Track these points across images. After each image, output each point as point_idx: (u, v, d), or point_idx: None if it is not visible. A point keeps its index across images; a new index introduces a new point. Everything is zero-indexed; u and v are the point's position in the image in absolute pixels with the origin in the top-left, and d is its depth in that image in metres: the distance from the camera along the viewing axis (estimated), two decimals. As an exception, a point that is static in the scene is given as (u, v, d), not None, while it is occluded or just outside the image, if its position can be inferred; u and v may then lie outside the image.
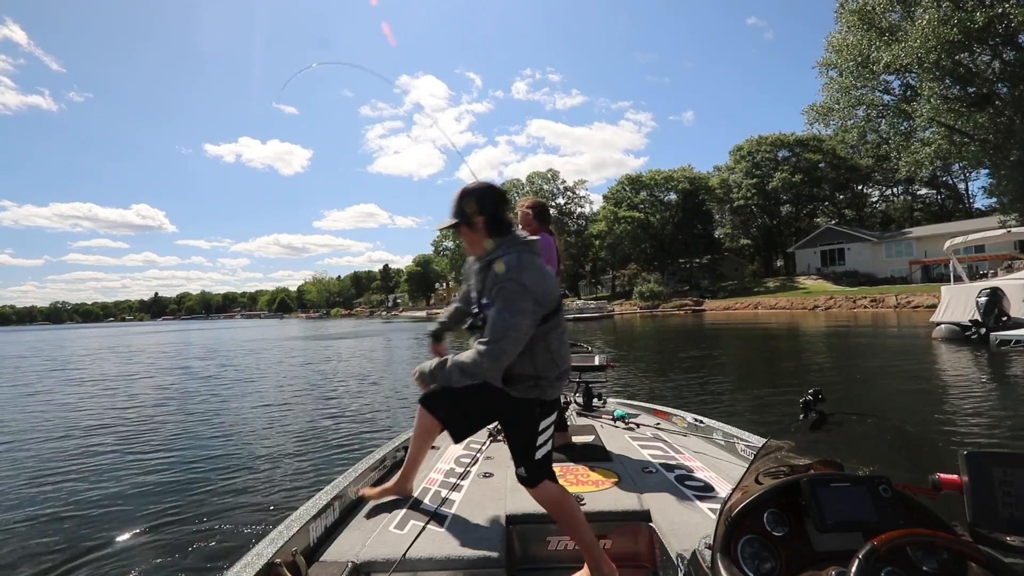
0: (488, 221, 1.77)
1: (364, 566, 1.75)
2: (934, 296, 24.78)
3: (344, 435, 5.84)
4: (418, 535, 1.91)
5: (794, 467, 1.27)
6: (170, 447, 5.40)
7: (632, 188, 52.22)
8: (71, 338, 45.13)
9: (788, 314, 28.93)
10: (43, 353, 24.22)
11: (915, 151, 25.31)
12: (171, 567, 2.90)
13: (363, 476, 2.39)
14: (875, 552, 0.84)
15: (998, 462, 0.98)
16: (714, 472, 2.53)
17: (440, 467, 2.70)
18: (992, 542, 0.94)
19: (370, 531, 1.96)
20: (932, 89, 20.94)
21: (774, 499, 1.19)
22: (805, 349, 13.50)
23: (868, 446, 1.28)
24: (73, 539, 3.28)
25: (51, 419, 7.38)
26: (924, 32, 19.23)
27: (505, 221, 1.80)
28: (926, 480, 1.09)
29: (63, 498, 4.02)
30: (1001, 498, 0.96)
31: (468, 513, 2.12)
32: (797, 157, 46.92)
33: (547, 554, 2.04)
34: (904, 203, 51.80)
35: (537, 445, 1.83)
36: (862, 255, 39.69)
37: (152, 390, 10.08)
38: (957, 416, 5.72)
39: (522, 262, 1.69)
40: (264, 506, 3.72)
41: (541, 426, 1.84)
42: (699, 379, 8.92)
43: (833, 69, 26.00)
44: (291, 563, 1.65)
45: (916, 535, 0.87)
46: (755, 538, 1.15)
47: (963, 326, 12.01)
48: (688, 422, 3.44)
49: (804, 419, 1.28)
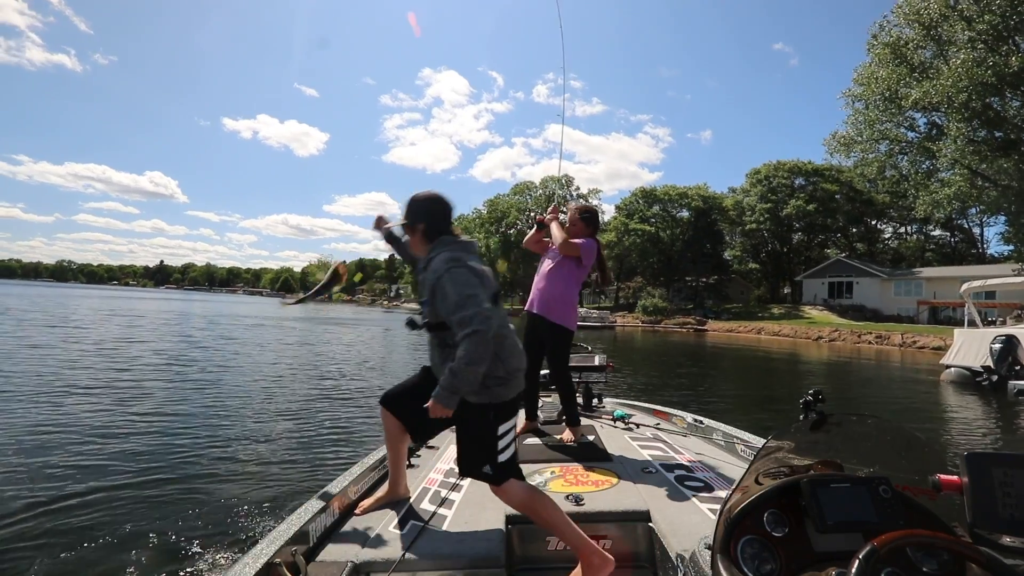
0: (427, 230, 1.91)
1: (364, 566, 1.74)
2: (941, 338, 24.58)
3: (345, 436, 5.76)
4: (418, 535, 1.90)
5: (794, 467, 1.27)
6: (169, 447, 5.23)
7: (645, 201, 52.04)
8: (73, 297, 45.06)
9: (791, 342, 28.69)
10: (51, 312, 24.11)
11: (934, 191, 25.10)
12: (171, 567, 2.85)
13: (363, 476, 2.37)
14: (875, 553, 0.83)
15: (998, 463, 0.98)
16: (714, 472, 2.54)
17: (440, 467, 2.68)
18: (992, 543, 0.93)
19: (370, 531, 1.96)
20: (959, 130, 20.69)
21: (774, 499, 1.19)
22: (807, 376, 13.33)
23: (868, 447, 1.27)
24: (69, 539, 3.16)
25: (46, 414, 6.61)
26: (957, 72, 19.03)
27: (444, 232, 1.90)
28: (926, 481, 1.09)
29: (58, 495, 3.81)
30: (1001, 499, 0.95)
31: (468, 513, 2.12)
32: (814, 186, 46.69)
33: (547, 554, 2.04)
34: (917, 242, 51.45)
35: (499, 449, 1.83)
36: (870, 290, 39.39)
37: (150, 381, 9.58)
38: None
39: (455, 254, 1.81)
40: (264, 506, 3.69)
41: (500, 430, 1.83)
42: (697, 396, 8.78)
43: (859, 101, 25.82)
44: (291, 563, 1.63)
45: (916, 536, 0.87)
46: (755, 538, 1.14)
47: (974, 371, 11.81)
48: (688, 422, 3.43)
49: (804, 419, 1.27)
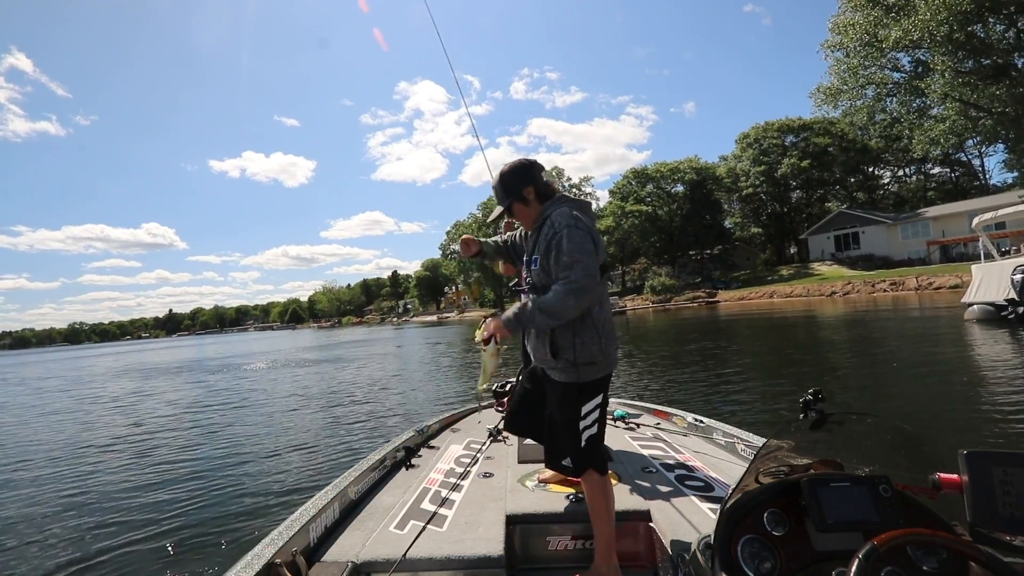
0: (536, 191, 1.88)
1: (364, 566, 1.74)
2: (957, 276, 24.18)
3: (345, 435, 5.81)
4: (418, 535, 1.90)
5: (794, 467, 1.27)
6: (173, 450, 5.48)
7: (638, 181, 51.64)
8: (87, 357, 45.61)
9: (805, 302, 28.35)
10: (64, 375, 24.35)
11: (929, 129, 24.70)
12: (172, 567, 2.90)
13: (363, 476, 2.38)
14: (875, 552, 0.83)
15: (998, 462, 0.98)
16: (714, 472, 2.54)
17: (440, 467, 2.69)
18: (992, 542, 0.93)
19: (370, 531, 1.96)
20: (945, 63, 20.32)
21: (774, 499, 1.18)
22: (829, 338, 13.08)
23: (868, 446, 1.27)
24: (75, 539, 3.31)
25: (62, 425, 7.59)
26: (935, 5, 18.65)
27: (550, 187, 1.90)
28: (926, 480, 1.09)
29: (66, 500, 4.09)
30: (1001, 498, 0.95)
31: (468, 513, 2.11)
32: (805, 142, 46.14)
33: (547, 554, 2.03)
34: (917, 183, 50.72)
35: (581, 431, 1.82)
36: (877, 238, 38.85)
37: (161, 399, 10.04)
38: (1009, 407, 5.36)
39: (575, 212, 1.79)
40: (264, 506, 3.72)
41: (583, 411, 1.82)
42: (730, 378, 8.60)
43: (839, 50, 25.44)
44: (291, 563, 1.63)
45: (916, 535, 0.87)
46: (755, 538, 1.14)
47: (998, 305, 11.52)
48: (688, 422, 3.43)
49: (804, 419, 1.26)
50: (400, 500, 2.26)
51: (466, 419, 3.81)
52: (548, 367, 1.86)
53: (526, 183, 1.87)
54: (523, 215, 1.92)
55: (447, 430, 3.53)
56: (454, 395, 8.74)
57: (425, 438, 3.25)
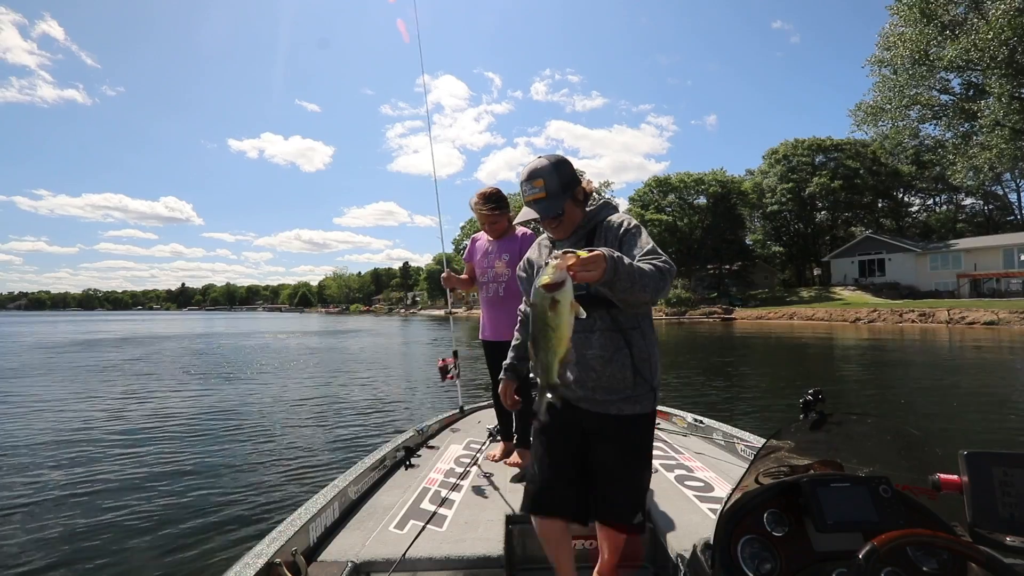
0: (581, 191, 1.64)
1: (364, 566, 1.73)
2: (992, 312, 23.10)
3: (345, 435, 5.71)
4: (418, 535, 1.89)
5: (794, 467, 1.25)
6: (170, 449, 5.24)
7: (660, 191, 50.70)
8: (98, 321, 45.84)
9: (827, 326, 27.29)
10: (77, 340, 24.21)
11: (974, 156, 23.67)
12: (172, 566, 2.87)
13: (363, 476, 2.36)
14: (875, 552, 0.83)
15: (998, 462, 0.97)
16: (714, 472, 2.53)
17: (440, 467, 2.68)
18: (992, 542, 0.93)
19: (370, 531, 1.95)
20: (1003, 87, 19.28)
21: (774, 499, 1.17)
22: (863, 364, 12.23)
23: (868, 446, 1.25)
24: (73, 538, 3.22)
25: (59, 411, 7.23)
26: (998, 24, 17.66)
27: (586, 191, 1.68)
28: (926, 480, 1.08)
29: (62, 495, 3.92)
30: (1001, 498, 0.95)
31: (468, 513, 2.12)
32: (836, 162, 45.05)
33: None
34: (947, 213, 49.23)
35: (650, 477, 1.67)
36: (904, 266, 37.61)
37: (160, 385, 9.71)
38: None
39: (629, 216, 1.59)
40: (264, 506, 3.68)
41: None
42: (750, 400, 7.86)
43: (886, 67, 24.46)
44: (291, 563, 1.62)
45: (916, 535, 0.87)
46: (755, 538, 1.12)
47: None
48: (688, 422, 3.41)
49: (804, 419, 1.24)
50: (400, 500, 2.24)
51: (466, 419, 3.82)
52: (616, 397, 1.49)
53: (578, 180, 1.61)
54: (567, 218, 1.59)
55: (447, 430, 3.53)
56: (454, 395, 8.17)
57: (425, 438, 3.24)
